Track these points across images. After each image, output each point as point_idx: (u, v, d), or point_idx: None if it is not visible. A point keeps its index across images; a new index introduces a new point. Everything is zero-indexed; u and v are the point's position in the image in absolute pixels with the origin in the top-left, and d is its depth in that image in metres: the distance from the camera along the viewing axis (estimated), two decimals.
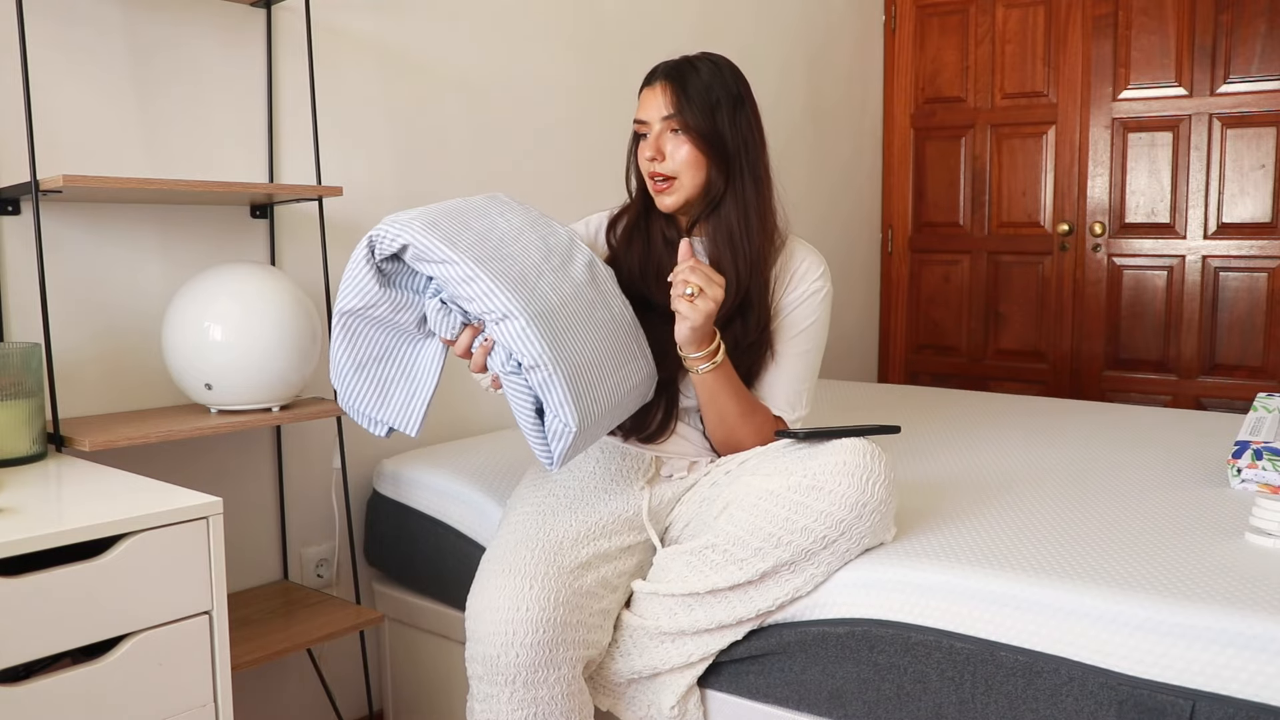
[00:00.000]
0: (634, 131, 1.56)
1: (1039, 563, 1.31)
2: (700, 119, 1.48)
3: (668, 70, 1.53)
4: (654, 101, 1.51)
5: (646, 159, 1.52)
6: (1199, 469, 1.78)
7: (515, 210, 1.41)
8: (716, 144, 1.49)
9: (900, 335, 3.87)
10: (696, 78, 1.50)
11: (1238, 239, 3.21)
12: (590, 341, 1.32)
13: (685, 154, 1.49)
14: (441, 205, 1.36)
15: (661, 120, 1.50)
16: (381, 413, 1.37)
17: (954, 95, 3.67)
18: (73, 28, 1.55)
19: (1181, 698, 1.12)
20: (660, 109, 1.50)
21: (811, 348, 1.58)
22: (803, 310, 1.56)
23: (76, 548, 1.08)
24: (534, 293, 1.28)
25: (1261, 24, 3.10)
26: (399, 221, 1.29)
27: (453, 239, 1.28)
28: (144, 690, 1.14)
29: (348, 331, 1.33)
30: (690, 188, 1.51)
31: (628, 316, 1.41)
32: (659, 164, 1.50)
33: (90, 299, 1.59)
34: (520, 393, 1.29)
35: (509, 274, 1.27)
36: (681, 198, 1.52)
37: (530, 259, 1.32)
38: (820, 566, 1.35)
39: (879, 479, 1.34)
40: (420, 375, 1.37)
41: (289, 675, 1.88)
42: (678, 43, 2.68)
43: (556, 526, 1.42)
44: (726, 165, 1.51)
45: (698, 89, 1.49)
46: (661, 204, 1.53)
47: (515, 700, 1.29)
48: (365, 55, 1.96)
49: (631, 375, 1.39)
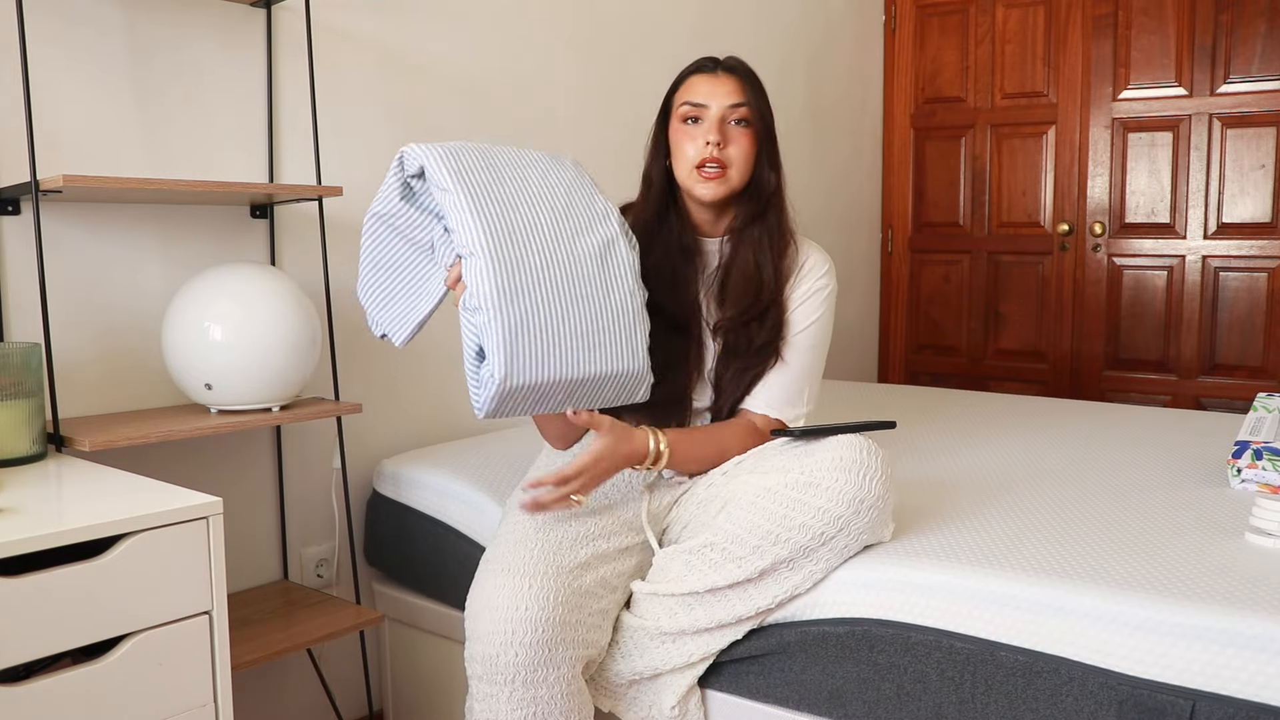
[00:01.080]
0: (676, 116, 1.51)
1: (1039, 563, 1.31)
2: (766, 112, 1.49)
3: (727, 62, 1.52)
4: (718, 88, 1.48)
5: (708, 143, 1.46)
6: (1199, 469, 1.78)
7: (563, 175, 1.39)
8: (770, 141, 1.50)
9: (900, 335, 3.87)
10: (753, 74, 1.51)
11: (1238, 239, 3.21)
12: (558, 309, 1.30)
13: (745, 145, 1.48)
14: (491, 146, 1.38)
15: (727, 107, 1.47)
16: (381, 315, 1.43)
17: (954, 95, 3.67)
18: (73, 28, 1.55)
19: (1181, 698, 1.12)
20: (727, 96, 1.47)
21: (813, 345, 1.57)
22: (806, 307, 1.56)
23: (76, 548, 1.08)
24: (512, 243, 1.29)
25: (1261, 24, 3.10)
26: (428, 145, 1.32)
27: (463, 173, 1.30)
28: (144, 690, 1.14)
29: (373, 232, 1.40)
30: (737, 181, 1.50)
31: (629, 307, 1.37)
32: (719, 150, 1.46)
33: (90, 299, 1.59)
34: (467, 331, 1.32)
35: (498, 219, 1.29)
36: (727, 189, 1.49)
37: (536, 217, 1.32)
38: (819, 564, 1.35)
39: (876, 474, 1.34)
40: (422, 295, 1.43)
41: (289, 675, 1.88)
42: (678, 43, 2.69)
43: (556, 526, 1.42)
44: (775, 165, 1.52)
45: (757, 84, 1.50)
46: (705, 192, 1.48)
47: (514, 700, 1.29)
48: (365, 55, 1.96)
49: (609, 364, 1.35)
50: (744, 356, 1.51)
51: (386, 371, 2.02)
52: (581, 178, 1.41)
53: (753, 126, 1.49)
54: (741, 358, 1.53)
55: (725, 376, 1.54)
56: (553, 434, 1.55)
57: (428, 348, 2.08)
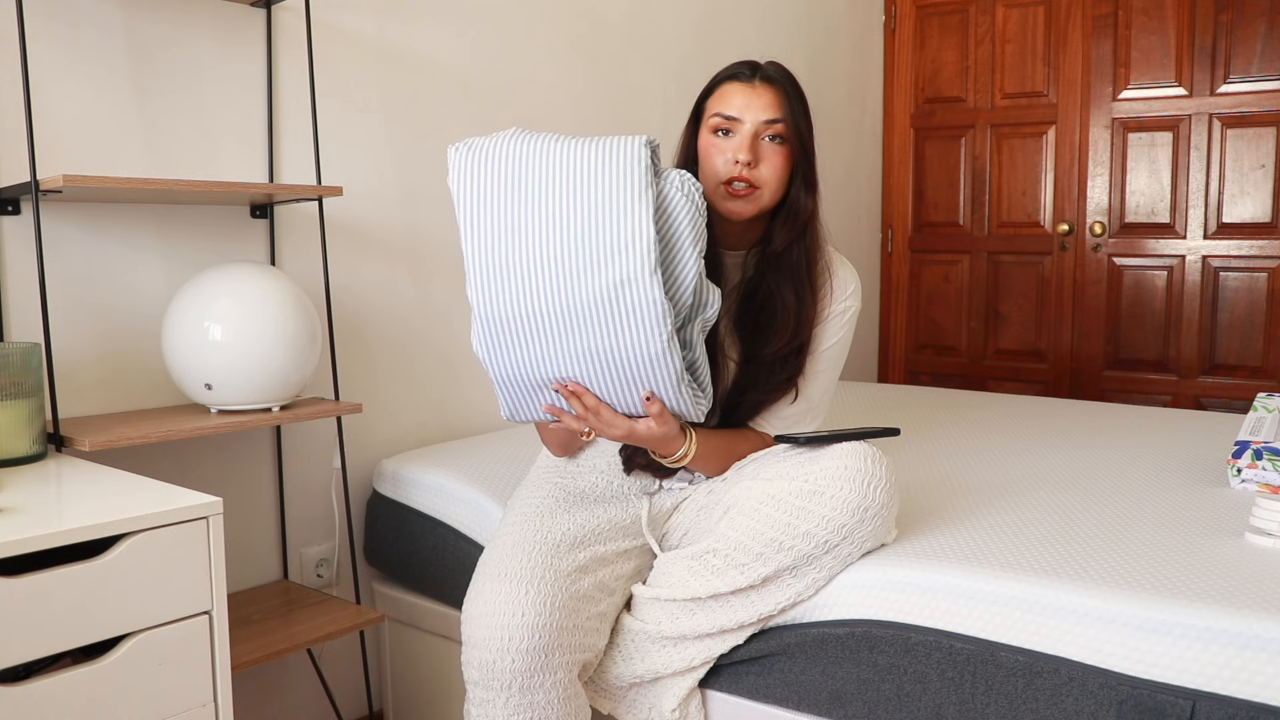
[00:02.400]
0: (707, 125, 1.42)
1: (1039, 563, 1.31)
2: (805, 130, 1.39)
3: (768, 70, 1.41)
4: (754, 100, 1.38)
5: (738, 161, 1.37)
6: (1199, 469, 1.78)
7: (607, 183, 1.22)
8: (808, 161, 1.41)
9: (900, 335, 3.87)
10: (795, 86, 1.40)
11: (1238, 239, 3.21)
12: (550, 358, 1.27)
13: (779, 164, 1.39)
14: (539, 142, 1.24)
15: (763, 123, 1.38)
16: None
17: (954, 95, 3.67)
18: (73, 27, 1.55)
19: (1181, 698, 1.12)
20: (764, 110, 1.38)
21: (828, 368, 1.52)
22: (828, 328, 1.50)
23: (76, 548, 1.08)
24: (504, 293, 1.25)
25: (1261, 24, 3.10)
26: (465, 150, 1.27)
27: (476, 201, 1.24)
28: (144, 690, 1.14)
29: None
30: (768, 201, 1.42)
31: (649, 350, 1.24)
32: (749, 170, 1.38)
33: (90, 299, 1.59)
34: None
35: (494, 265, 1.25)
36: (756, 209, 1.41)
37: (543, 252, 1.22)
38: (822, 571, 1.35)
39: (880, 483, 1.33)
40: None
41: (289, 675, 1.88)
42: (679, 43, 2.69)
43: (554, 530, 1.41)
44: (812, 187, 1.43)
45: (798, 97, 1.39)
46: (736, 210, 1.40)
47: (511, 705, 1.28)
48: (365, 55, 1.96)
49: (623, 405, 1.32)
50: (763, 390, 1.47)
51: (386, 371, 2.02)
52: (629, 181, 1.21)
53: (789, 144, 1.39)
54: (760, 390, 1.48)
55: (743, 405, 1.49)
56: (554, 441, 1.55)
57: (427, 348, 2.08)
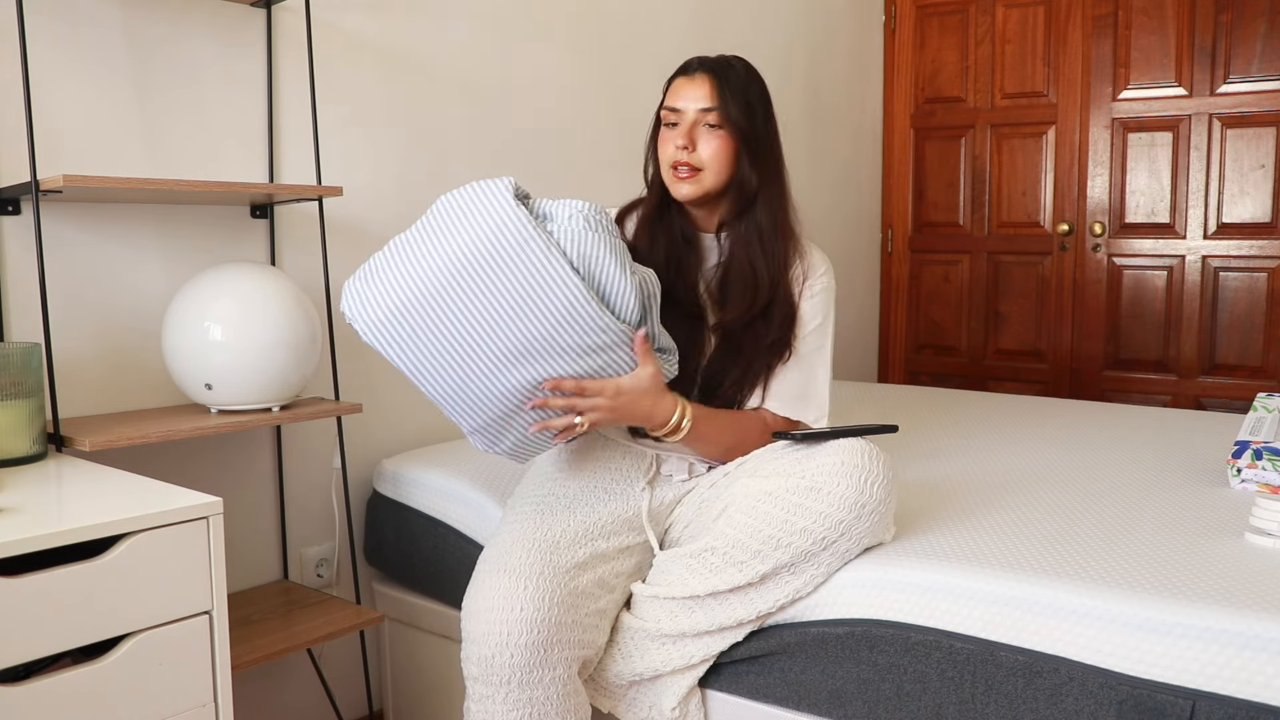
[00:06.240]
0: (658, 119, 1.56)
1: (1039, 563, 1.31)
2: (740, 115, 1.49)
3: (708, 64, 1.52)
4: (692, 92, 1.50)
5: (676, 147, 1.50)
6: (1199, 469, 1.78)
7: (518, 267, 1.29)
8: (751, 142, 1.50)
9: (900, 335, 3.87)
10: (735, 75, 1.51)
11: (1237, 239, 3.21)
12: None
13: (716, 148, 1.49)
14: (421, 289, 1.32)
15: (699, 111, 1.49)
16: None
17: (954, 95, 3.67)
18: (73, 27, 1.55)
19: (1181, 698, 1.12)
20: (699, 100, 1.49)
21: (820, 345, 1.57)
22: (808, 308, 1.56)
23: (76, 548, 1.08)
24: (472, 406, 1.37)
25: (1261, 24, 3.10)
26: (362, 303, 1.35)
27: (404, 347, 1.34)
28: (144, 690, 1.14)
29: None
30: (711, 182, 1.50)
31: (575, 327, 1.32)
32: (688, 154, 1.49)
33: (90, 299, 1.59)
34: None
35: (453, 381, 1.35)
36: (699, 190, 1.51)
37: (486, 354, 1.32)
38: (820, 567, 1.35)
39: (877, 479, 1.33)
40: None
41: (289, 675, 1.88)
42: (678, 43, 2.69)
43: (554, 526, 1.42)
44: (760, 165, 1.51)
45: (737, 86, 1.50)
46: (678, 191, 1.52)
47: (510, 700, 1.29)
48: (365, 55, 1.96)
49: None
50: (753, 355, 1.51)
51: (386, 371, 2.02)
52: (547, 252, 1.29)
53: (724, 128, 1.49)
54: (749, 356, 1.51)
55: (729, 376, 1.53)
56: None
57: None
